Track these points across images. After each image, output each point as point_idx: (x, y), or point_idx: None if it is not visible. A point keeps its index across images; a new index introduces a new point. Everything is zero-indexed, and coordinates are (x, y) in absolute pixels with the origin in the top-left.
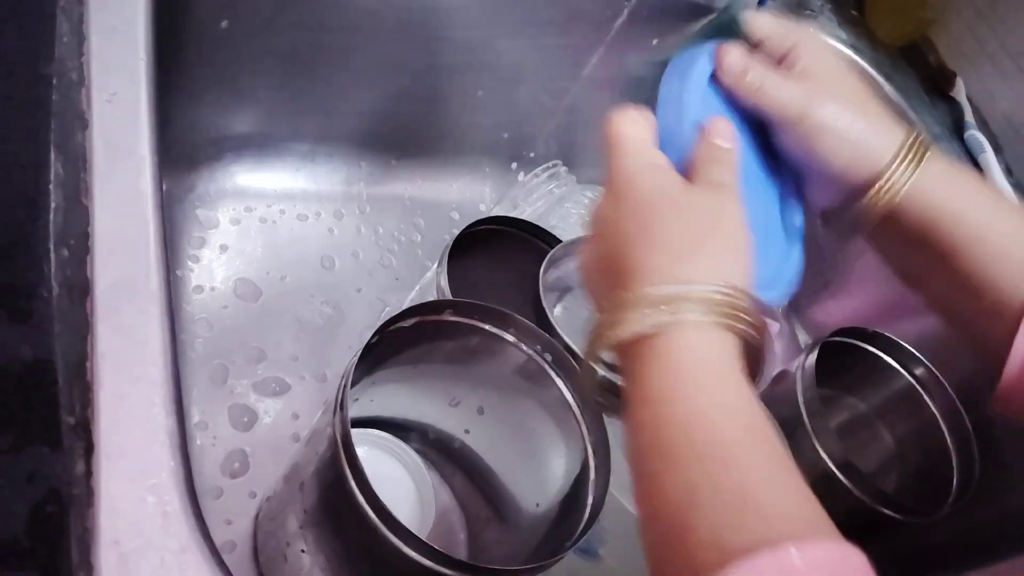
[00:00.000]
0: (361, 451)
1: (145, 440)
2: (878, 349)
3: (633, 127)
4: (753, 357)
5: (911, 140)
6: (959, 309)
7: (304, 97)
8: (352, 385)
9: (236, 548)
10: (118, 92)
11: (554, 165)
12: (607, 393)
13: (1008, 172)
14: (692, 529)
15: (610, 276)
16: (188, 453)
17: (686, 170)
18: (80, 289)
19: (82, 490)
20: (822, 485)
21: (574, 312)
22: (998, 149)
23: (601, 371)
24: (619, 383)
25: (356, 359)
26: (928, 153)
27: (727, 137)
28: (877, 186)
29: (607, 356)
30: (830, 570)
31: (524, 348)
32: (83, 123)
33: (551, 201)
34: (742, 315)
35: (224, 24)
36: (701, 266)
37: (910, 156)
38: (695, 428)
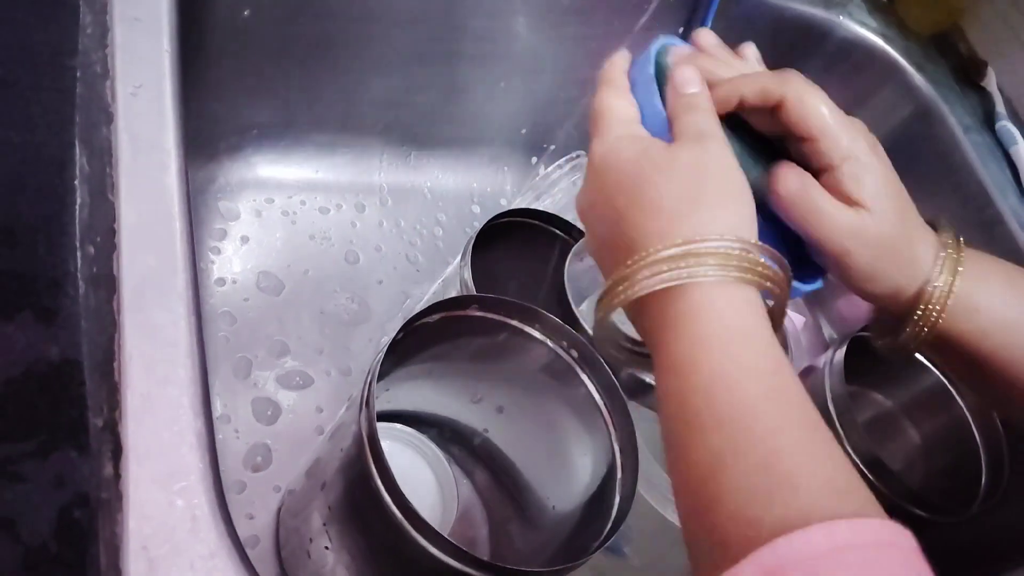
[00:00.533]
0: (383, 445)
1: (173, 442)
2: None
3: (614, 103)
4: (776, 311)
5: (946, 247)
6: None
7: (325, 88)
8: (382, 379)
9: (259, 543)
10: (143, 85)
11: (577, 156)
12: (624, 349)
13: None
14: (718, 501)
15: (615, 255)
16: (216, 455)
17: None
18: (107, 287)
19: (110, 494)
20: None
21: None
22: None
23: (616, 325)
24: (635, 337)
25: (382, 355)
26: (963, 255)
27: (693, 82)
28: (919, 312)
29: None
30: (873, 551)
31: (550, 345)
32: (108, 117)
33: (573, 193)
34: (755, 267)
35: (246, 14)
36: (701, 221)
37: (947, 266)
38: (716, 391)
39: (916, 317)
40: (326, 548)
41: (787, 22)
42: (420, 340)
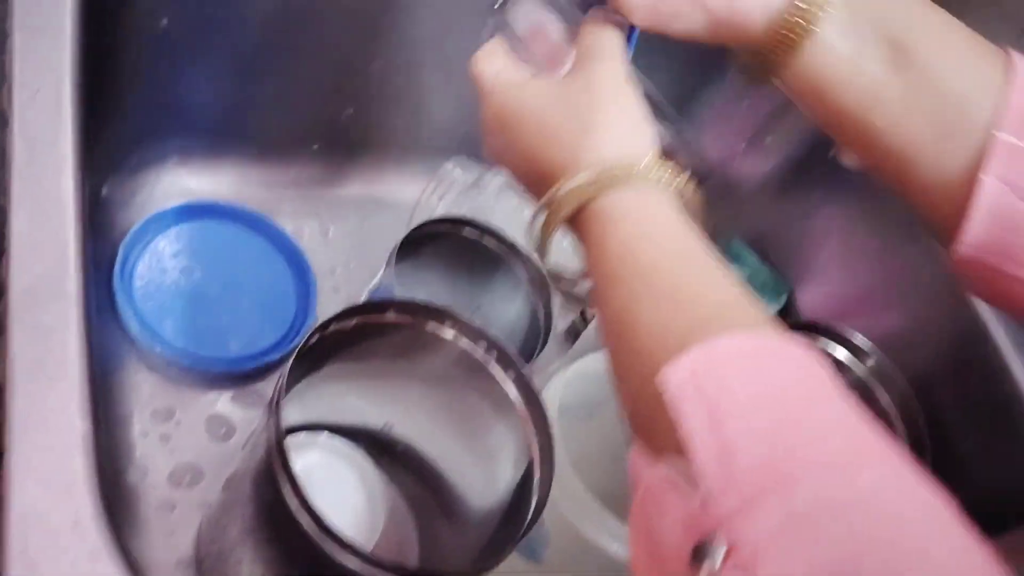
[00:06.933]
0: (308, 456)
1: (58, 444)
2: (831, 342)
3: (489, 60)
4: (688, 205)
5: None
6: (922, 146)
7: (252, 97)
8: (293, 386)
9: (183, 561)
10: (41, 90)
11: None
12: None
13: None
14: (636, 322)
15: (538, 186)
16: (102, 458)
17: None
18: None
19: None
20: None
21: None
22: None
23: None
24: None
25: (292, 360)
26: None
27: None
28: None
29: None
30: (773, 353)
31: (467, 345)
32: (3, 120)
33: (460, 192)
34: (657, 172)
35: (164, 23)
36: (602, 141)
37: None
38: (629, 248)
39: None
40: (242, 562)
41: None
42: (337, 345)
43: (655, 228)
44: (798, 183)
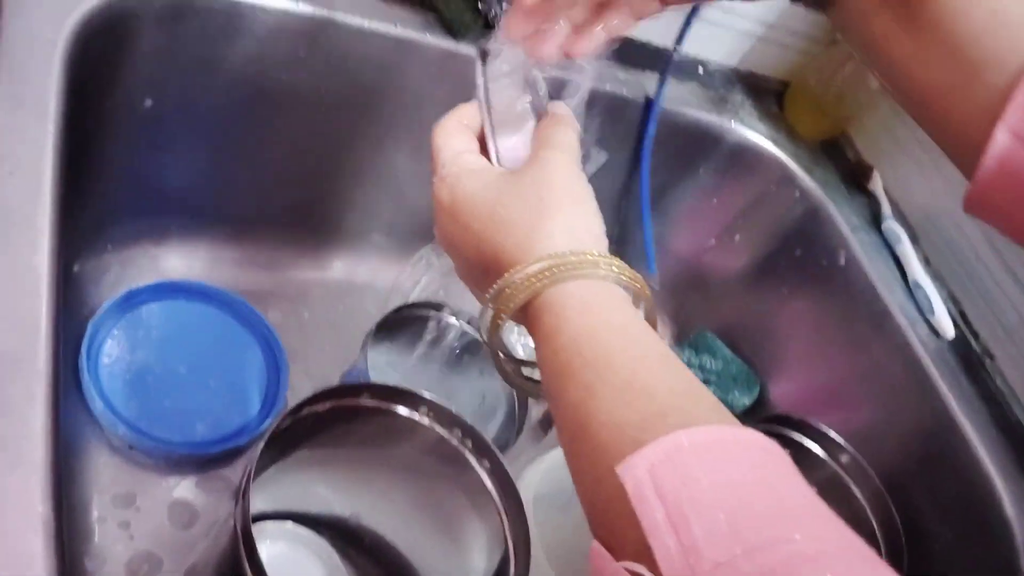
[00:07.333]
0: (273, 546)
1: (17, 527)
2: (805, 437)
3: (447, 139)
4: (636, 297)
5: None
6: (935, 97)
7: (229, 178)
8: (261, 472)
9: None
10: (21, 164)
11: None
12: (526, 380)
13: (926, 262)
14: (591, 419)
15: (485, 275)
16: (63, 543)
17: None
18: None
19: None
20: None
21: None
22: (915, 239)
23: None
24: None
25: (262, 445)
26: None
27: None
28: None
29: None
30: (733, 445)
31: (442, 432)
32: None
33: (436, 277)
34: (606, 266)
35: (148, 103)
36: (554, 231)
37: None
38: (582, 341)
39: None
40: None
41: (682, 128)
42: (308, 430)
43: (608, 320)
44: (767, 278)
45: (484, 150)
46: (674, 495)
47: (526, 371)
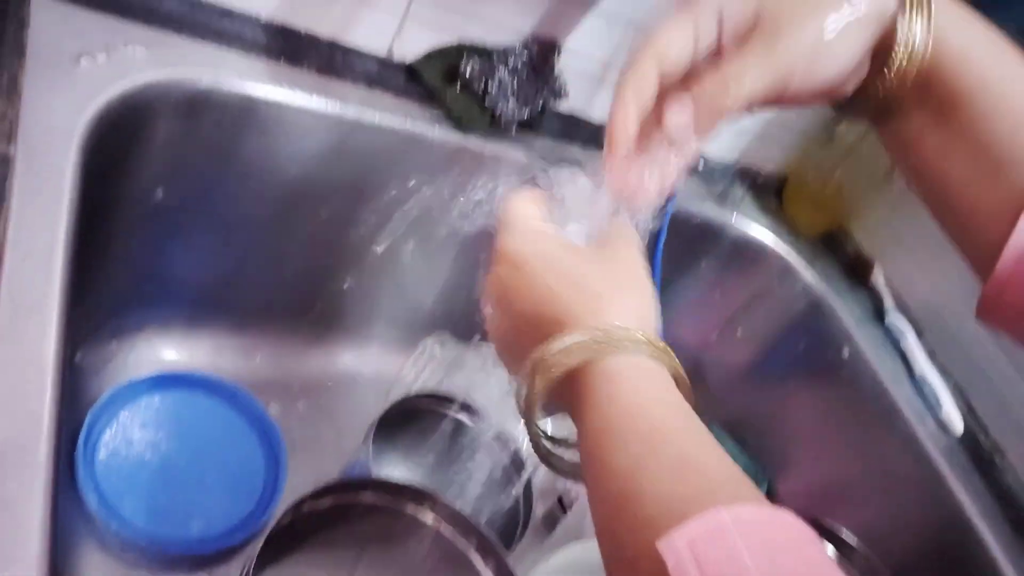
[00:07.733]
0: None
1: None
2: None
3: (522, 202)
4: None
5: None
6: (959, 191)
7: (235, 270)
8: (259, 572)
9: None
10: (33, 253)
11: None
12: (557, 456)
13: (932, 356)
14: (641, 491)
15: (530, 335)
16: None
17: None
18: None
19: None
20: None
21: None
22: (920, 333)
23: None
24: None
25: (261, 545)
26: None
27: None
28: (896, 51)
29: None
30: (776, 526)
31: (447, 531)
32: None
33: (440, 369)
34: (660, 351)
35: (160, 194)
36: (622, 306)
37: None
38: (632, 413)
39: (895, 54)
40: None
41: (684, 222)
42: (308, 528)
43: (662, 397)
44: (771, 372)
45: None
46: (719, 569)
47: (553, 447)
